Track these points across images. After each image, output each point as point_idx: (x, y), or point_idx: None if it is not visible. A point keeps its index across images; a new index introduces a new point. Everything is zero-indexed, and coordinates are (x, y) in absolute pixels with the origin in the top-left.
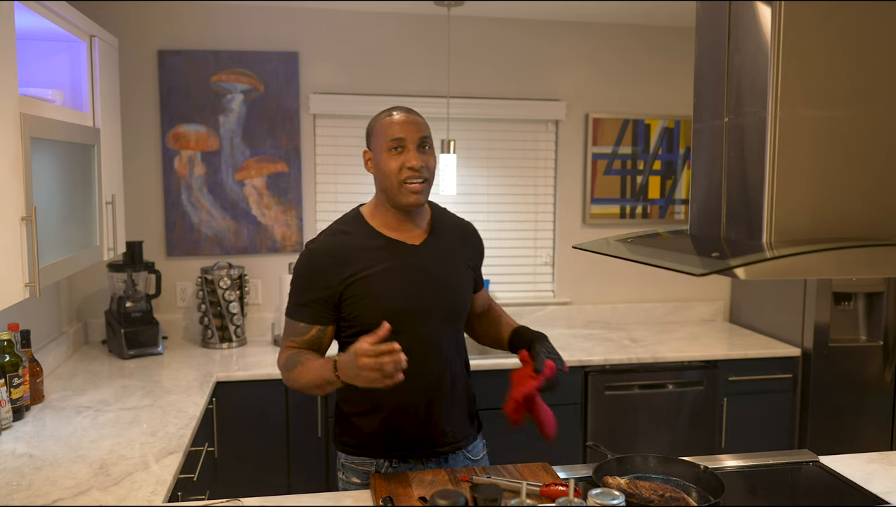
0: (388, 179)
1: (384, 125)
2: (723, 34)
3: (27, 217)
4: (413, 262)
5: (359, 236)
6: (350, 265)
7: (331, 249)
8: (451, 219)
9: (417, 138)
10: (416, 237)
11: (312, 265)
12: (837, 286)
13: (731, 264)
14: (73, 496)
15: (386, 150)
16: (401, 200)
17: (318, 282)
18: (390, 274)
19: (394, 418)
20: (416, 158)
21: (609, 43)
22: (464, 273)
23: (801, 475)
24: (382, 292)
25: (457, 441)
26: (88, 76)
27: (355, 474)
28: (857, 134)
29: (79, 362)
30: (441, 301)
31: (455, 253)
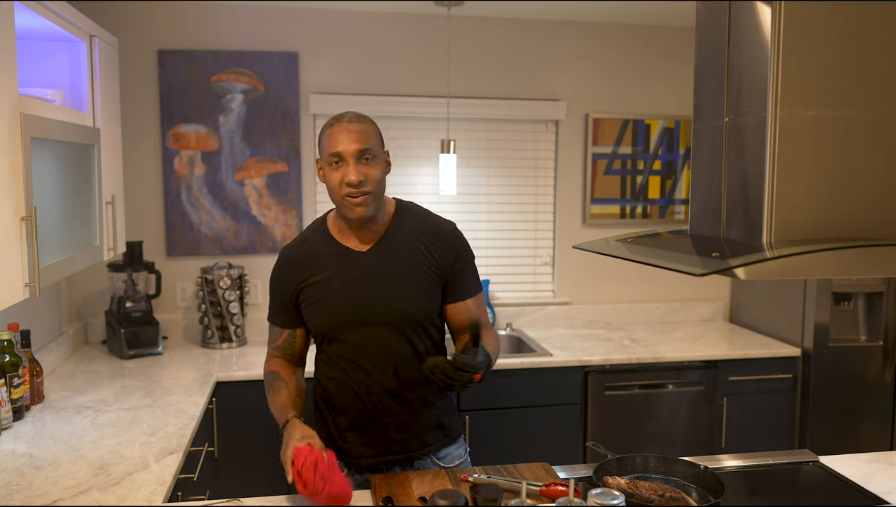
0: (333, 193)
1: (326, 137)
2: (723, 34)
3: (27, 217)
4: (358, 269)
5: (317, 242)
6: (305, 271)
7: (294, 254)
8: (419, 221)
9: (355, 151)
10: (364, 243)
11: (278, 270)
12: (837, 286)
13: (731, 264)
14: (73, 496)
15: (327, 163)
16: (347, 213)
17: (282, 287)
18: (334, 281)
19: (341, 423)
20: (354, 172)
21: (609, 43)
22: (418, 281)
23: (801, 475)
24: (327, 299)
25: (406, 451)
26: (88, 76)
27: None
28: (857, 134)
29: (79, 362)
30: (384, 308)
31: (409, 259)
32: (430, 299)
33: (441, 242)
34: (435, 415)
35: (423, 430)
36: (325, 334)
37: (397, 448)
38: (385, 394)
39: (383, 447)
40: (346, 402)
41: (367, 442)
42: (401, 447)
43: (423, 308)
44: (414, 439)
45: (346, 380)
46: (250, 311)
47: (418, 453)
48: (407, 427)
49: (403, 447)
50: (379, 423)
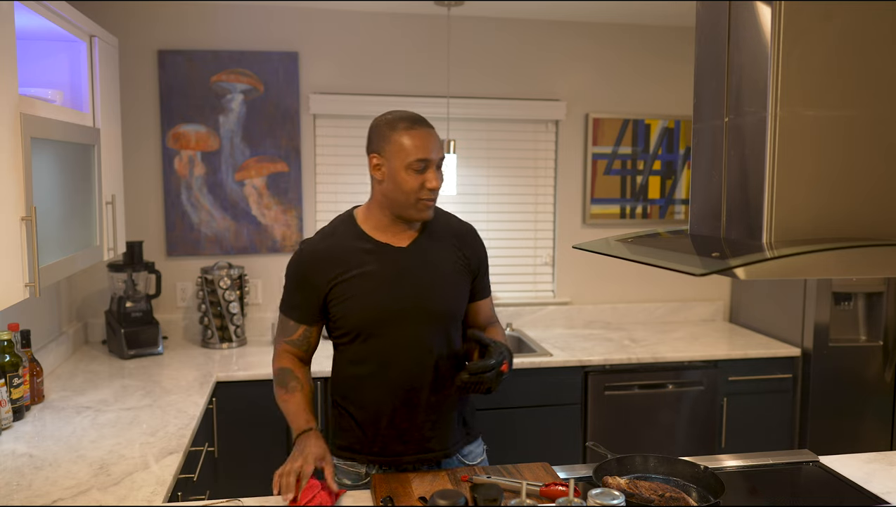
0: (405, 195)
1: (406, 142)
2: (723, 34)
3: (27, 217)
4: (399, 264)
5: (347, 238)
6: (336, 267)
7: (319, 250)
8: (447, 221)
9: (438, 159)
10: (404, 239)
11: (301, 265)
12: (837, 286)
13: (731, 263)
14: (73, 496)
15: (405, 167)
16: (413, 215)
17: (306, 282)
18: (374, 276)
19: (376, 421)
20: (435, 179)
21: (609, 43)
22: (455, 276)
23: (801, 475)
24: (365, 294)
25: (442, 448)
26: (88, 76)
27: (346, 475)
28: (857, 133)
29: (79, 362)
30: (425, 304)
31: (446, 255)
32: (464, 296)
33: (469, 242)
34: (460, 413)
35: (452, 428)
36: (361, 330)
37: (432, 446)
38: (424, 390)
39: (420, 446)
40: (382, 400)
41: (406, 440)
42: (436, 444)
43: (459, 305)
44: (445, 437)
45: (383, 378)
46: (250, 311)
47: (450, 450)
48: (440, 425)
49: (438, 444)
50: (417, 420)
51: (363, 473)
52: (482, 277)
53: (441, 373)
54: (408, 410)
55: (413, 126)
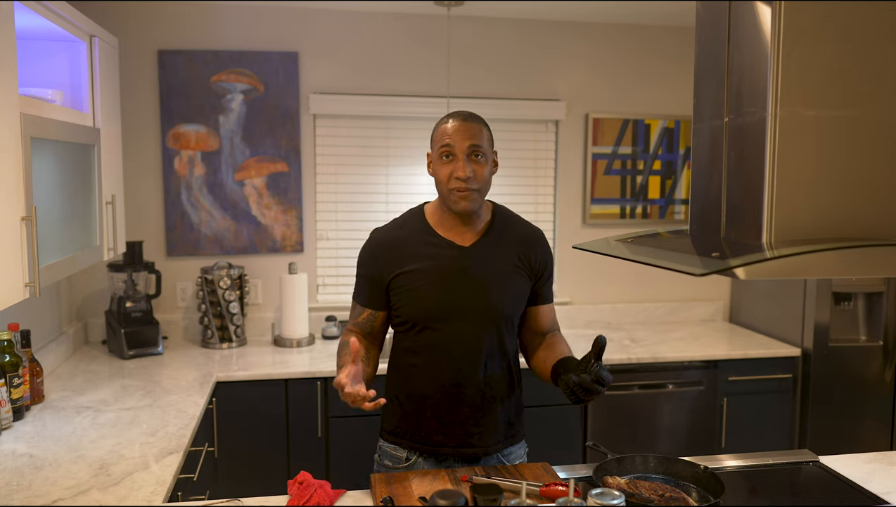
0: (440, 185)
1: (439, 131)
2: (723, 34)
3: (27, 217)
4: (458, 262)
5: (414, 232)
6: (401, 258)
7: (387, 240)
8: (514, 224)
9: (467, 147)
10: (467, 239)
11: (370, 253)
12: (837, 286)
13: (731, 264)
14: (73, 496)
15: (438, 156)
16: (451, 206)
17: (372, 269)
18: (434, 272)
19: (422, 410)
20: (463, 168)
21: (609, 43)
22: (514, 278)
23: (801, 475)
24: (423, 288)
25: (483, 445)
26: (88, 76)
27: (389, 457)
28: (856, 134)
29: (79, 362)
30: (479, 303)
31: (507, 258)
32: (521, 300)
33: (534, 246)
34: (506, 413)
35: (497, 427)
36: (416, 322)
37: (473, 442)
38: (471, 387)
39: (462, 440)
40: (429, 391)
41: (447, 432)
42: (478, 440)
43: (515, 307)
44: (489, 434)
45: (433, 369)
46: (250, 311)
47: (491, 448)
48: (484, 421)
49: (480, 440)
50: (460, 415)
51: (404, 457)
52: (545, 281)
53: (489, 372)
54: (452, 404)
55: (448, 118)
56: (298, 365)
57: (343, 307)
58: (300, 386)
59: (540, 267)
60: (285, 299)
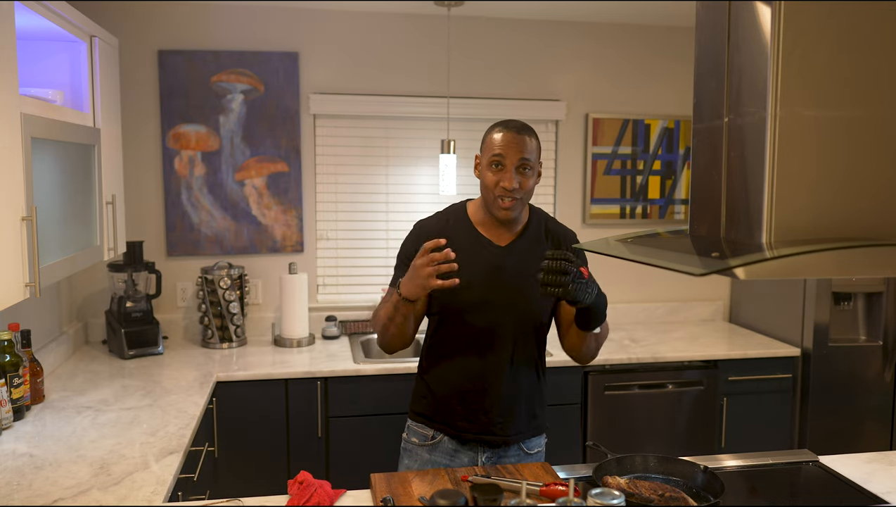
0: (486, 190)
1: (492, 140)
2: (723, 34)
3: (27, 217)
4: (494, 260)
5: (457, 225)
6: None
7: (431, 229)
8: (549, 227)
9: (517, 160)
10: (504, 239)
11: (414, 239)
12: (837, 286)
13: (730, 263)
14: (73, 495)
15: (487, 164)
16: (494, 212)
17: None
18: (470, 266)
19: (450, 396)
20: (511, 179)
21: (609, 43)
22: None
23: (801, 475)
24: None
25: (504, 435)
26: (88, 76)
27: (415, 435)
28: (857, 134)
29: (79, 362)
30: (510, 302)
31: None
32: (549, 300)
33: (567, 245)
34: (531, 406)
35: (520, 418)
36: (449, 313)
37: (496, 430)
38: (496, 380)
39: (485, 427)
40: (457, 379)
41: (471, 419)
42: (500, 430)
43: (544, 306)
44: (512, 424)
45: (462, 360)
46: (250, 311)
47: (512, 438)
48: (508, 413)
49: (503, 430)
50: (485, 405)
51: (430, 435)
52: None
53: (515, 368)
54: (477, 394)
55: (504, 128)
56: (298, 365)
57: (343, 307)
58: (300, 386)
59: None
60: (285, 299)
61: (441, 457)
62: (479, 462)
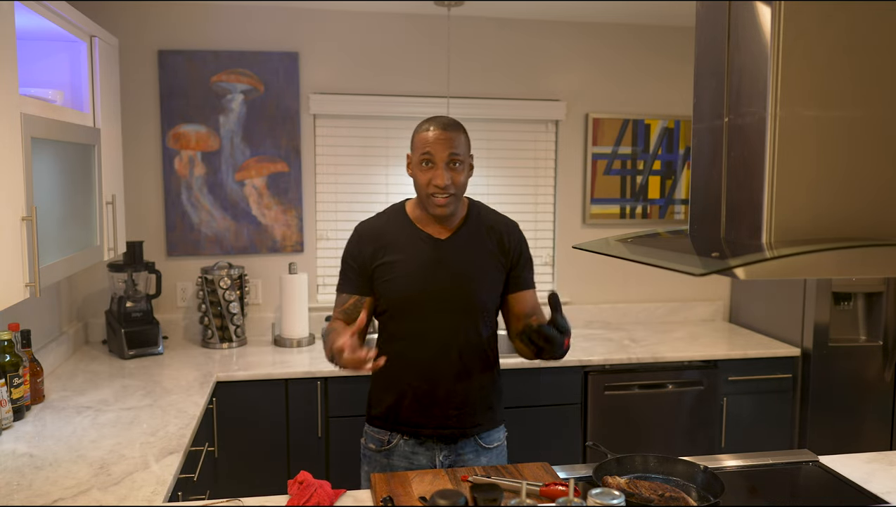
0: (419, 189)
1: (420, 138)
2: (723, 34)
3: (27, 217)
4: (435, 254)
5: (396, 225)
6: (382, 249)
7: (370, 231)
8: (489, 218)
9: (447, 156)
10: (444, 232)
11: (356, 243)
12: (837, 286)
13: (730, 263)
14: (73, 495)
15: (418, 162)
16: (429, 209)
17: (357, 258)
18: (411, 263)
19: (402, 395)
20: (442, 176)
21: (609, 43)
22: (489, 269)
23: (801, 475)
24: (401, 278)
25: (461, 428)
26: (88, 76)
27: (372, 440)
28: (856, 134)
29: (79, 362)
30: (455, 294)
31: (481, 248)
32: (496, 288)
33: (507, 234)
34: (486, 397)
35: (475, 410)
36: (395, 310)
37: (452, 423)
38: (447, 372)
39: (440, 421)
40: (408, 376)
41: (427, 415)
42: (456, 422)
43: (490, 295)
44: (467, 417)
45: (412, 356)
46: (250, 311)
47: (469, 430)
48: (461, 405)
49: (458, 422)
50: (438, 399)
51: (386, 440)
52: (521, 269)
53: (465, 359)
54: (430, 388)
55: (431, 125)
56: (298, 365)
57: None
58: (300, 386)
59: (514, 253)
60: (285, 299)
61: (399, 461)
62: (436, 463)
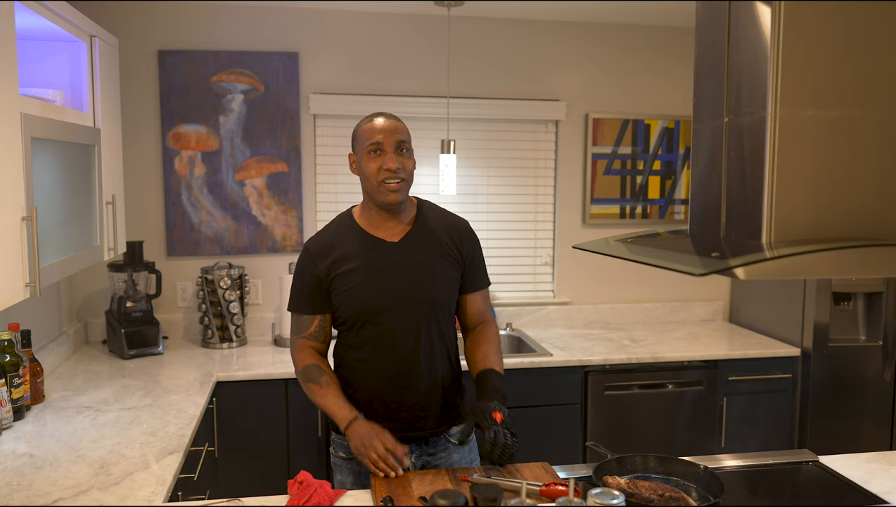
0: (369, 180)
1: (365, 130)
2: (723, 34)
3: (27, 217)
4: (389, 258)
5: (345, 234)
6: (336, 260)
7: (321, 245)
8: (440, 216)
9: (394, 142)
10: (395, 234)
11: (307, 260)
12: (837, 286)
13: (730, 263)
14: (73, 495)
15: (366, 153)
16: (380, 198)
17: (311, 274)
18: (366, 270)
19: (370, 401)
20: (392, 160)
21: (609, 43)
22: (444, 268)
23: (801, 475)
24: (359, 286)
25: (430, 428)
26: (89, 76)
27: (341, 449)
28: (856, 134)
29: (79, 362)
30: (413, 296)
31: (435, 250)
32: (453, 286)
33: (460, 236)
34: (450, 396)
35: (440, 410)
36: (356, 319)
37: (420, 425)
38: (412, 375)
39: (408, 424)
40: (375, 383)
41: (395, 419)
42: (424, 424)
43: (447, 295)
44: (433, 418)
45: (377, 362)
46: (250, 311)
47: (438, 430)
48: (429, 406)
49: (427, 423)
50: (406, 402)
51: None
52: (473, 269)
53: (430, 360)
54: (397, 393)
55: (372, 118)
56: None
57: None
58: (300, 386)
59: (467, 254)
60: (285, 299)
61: None
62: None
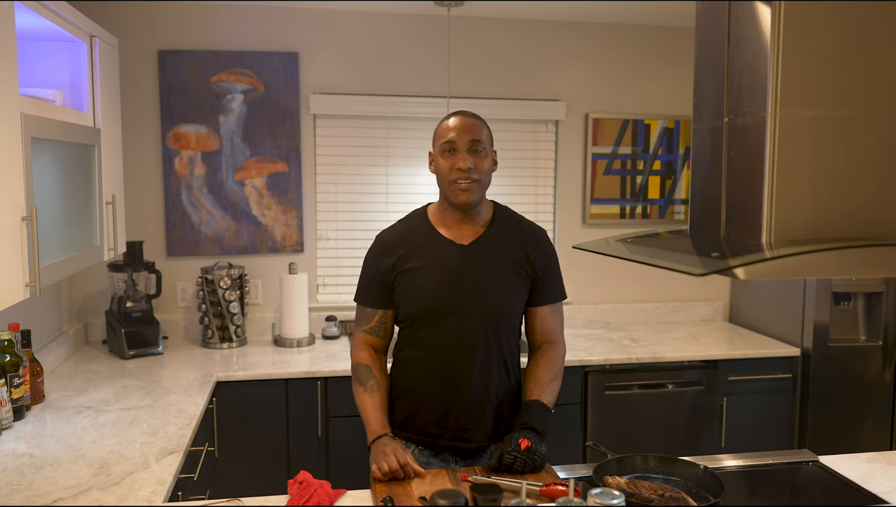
0: (442, 178)
1: (441, 128)
2: (723, 34)
3: (27, 217)
4: (457, 261)
5: (417, 231)
6: (403, 256)
7: (391, 239)
8: (515, 222)
9: (468, 141)
10: (466, 237)
11: (375, 252)
12: (837, 286)
13: (730, 263)
14: (73, 495)
15: (440, 151)
16: (452, 198)
17: (378, 267)
18: (432, 270)
19: (419, 404)
20: (464, 159)
21: (609, 43)
22: (511, 277)
23: (801, 475)
24: (422, 286)
25: (478, 440)
26: (89, 76)
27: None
28: (856, 134)
29: (79, 362)
30: (474, 303)
31: (506, 256)
32: (518, 299)
33: (535, 244)
34: (500, 409)
35: (491, 422)
36: (417, 318)
37: (468, 436)
38: (465, 383)
39: (456, 433)
40: (426, 385)
41: (443, 425)
42: (472, 435)
43: (511, 305)
44: (482, 431)
45: (430, 364)
46: (250, 311)
47: (485, 443)
48: (478, 417)
49: (474, 435)
50: (455, 410)
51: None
52: (545, 281)
53: (484, 369)
54: (448, 398)
55: (450, 117)
56: (298, 365)
57: (343, 307)
58: (300, 386)
59: (539, 265)
60: (285, 299)
61: None
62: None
